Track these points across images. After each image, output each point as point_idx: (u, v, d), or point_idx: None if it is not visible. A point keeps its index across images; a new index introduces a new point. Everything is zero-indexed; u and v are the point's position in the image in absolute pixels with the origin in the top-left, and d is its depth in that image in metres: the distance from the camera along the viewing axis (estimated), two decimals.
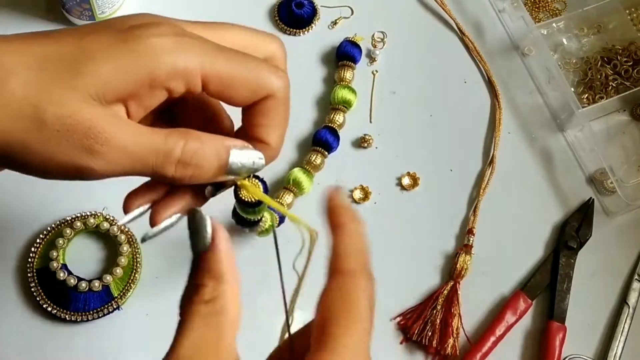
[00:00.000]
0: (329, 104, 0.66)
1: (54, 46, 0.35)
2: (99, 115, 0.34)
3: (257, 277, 0.53)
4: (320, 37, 0.69)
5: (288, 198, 0.62)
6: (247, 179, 0.39)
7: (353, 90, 0.66)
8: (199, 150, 0.36)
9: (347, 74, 0.66)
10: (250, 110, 0.39)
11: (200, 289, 0.35)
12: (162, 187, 0.39)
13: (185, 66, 0.35)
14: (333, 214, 0.37)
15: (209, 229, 0.35)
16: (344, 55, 0.67)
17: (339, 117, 0.64)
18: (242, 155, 0.37)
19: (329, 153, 0.64)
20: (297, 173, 0.62)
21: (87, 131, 0.34)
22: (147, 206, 0.40)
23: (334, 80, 0.67)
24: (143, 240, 0.40)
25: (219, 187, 0.39)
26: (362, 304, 0.36)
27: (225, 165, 0.37)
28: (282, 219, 0.60)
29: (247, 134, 0.39)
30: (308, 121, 0.66)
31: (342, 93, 0.65)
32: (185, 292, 0.36)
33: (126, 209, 0.39)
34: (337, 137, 0.64)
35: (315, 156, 0.63)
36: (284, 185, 0.62)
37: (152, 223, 0.39)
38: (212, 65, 0.36)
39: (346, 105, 0.65)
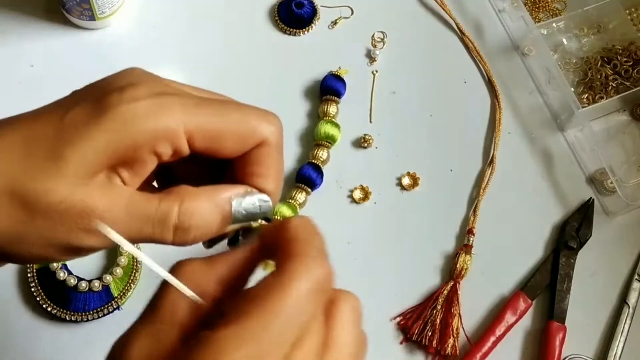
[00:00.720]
0: (312, 139, 0.65)
1: (37, 128, 0.34)
2: (90, 193, 0.33)
3: None
4: (320, 37, 0.69)
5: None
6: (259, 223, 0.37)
7: (337, 125, 0.64)
8: (196, 211, 0.34)
9: (331, 109, 0.65)
10: (242, 159, 0.37)
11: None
12: None
13: (165, 128, 0.33)
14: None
15: None
16: (327, 89, 0.65)
17: (322, 153, 0.63)
18: (246, 202, 0.36)
19: (312, 190, 0.62)
20: (283, 209, 0.61)
21: (80, 212, 0.33)
22: None
23: (317, 115, 0.66)
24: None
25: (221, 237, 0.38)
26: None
27: (228, 217, 0.35)
28: None
29: (242, 183, 0.37)
30: (291, 157, 0.64)
31: (325, 128, 0.63)
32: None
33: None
34: (320, 174, 0.63)
35: (298, 193, 0.62)
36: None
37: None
38: (194, 123, 0.34)
39: (330, 140, 0.64)
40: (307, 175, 0.62)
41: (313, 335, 0.32)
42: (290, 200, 0.61)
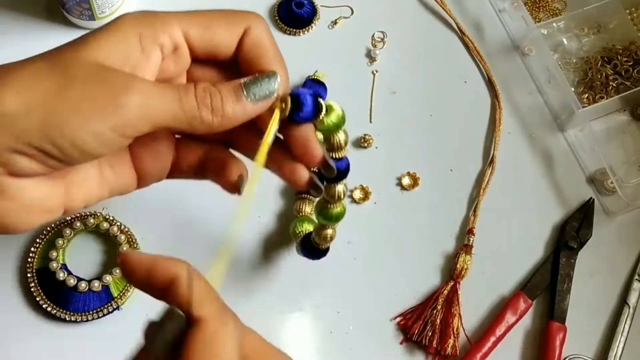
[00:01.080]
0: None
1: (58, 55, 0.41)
2: (123, 77, 0.39)
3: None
4: (320, 37, 0.69)
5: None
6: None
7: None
8: (209, 86, 0.41)
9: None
10: (241, 54, 0.43)
11: None
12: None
13: (163, 26, 0.41)
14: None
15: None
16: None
17: (341, 137, 0.62)
18: (254, 79, 0.42)
19: (316, 199, 0.59)
20: (304, 224, 0.58)
21: (117, 73, 0.38)
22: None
23: None
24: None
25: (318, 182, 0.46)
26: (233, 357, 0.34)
27: (240, 92, 0.41)
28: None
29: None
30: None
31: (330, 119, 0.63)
32: None
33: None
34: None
35: (303, 205, 0.60)
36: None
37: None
38: (187, 20, 0.41)
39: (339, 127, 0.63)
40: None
41: None
42: (300, 215, 0.59)
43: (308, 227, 0.58)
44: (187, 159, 0.46)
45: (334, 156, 0.47)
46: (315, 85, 0.65)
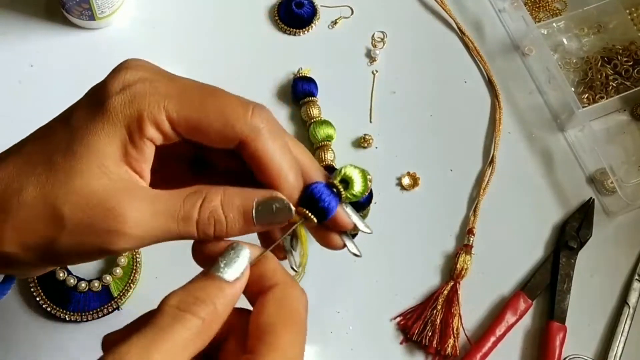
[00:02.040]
0: (307, 143, 0.64)
1: (51, 137, 0.36)
2: (113, 191, 0.35)
3: None
4: (320, 37, 0.69)
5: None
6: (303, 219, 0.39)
7: (329, 123, 0.64)
8: (217, 209, 0.36)
9: (314, 110, 0.64)
10: (247, 154, 0.38)
11: (205, 307, 0.36)
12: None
13: (143, 113, 0.36)
14: None
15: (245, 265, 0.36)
16: (302, 93, 0.65)
17: (328, 154, 0.63)
18: (263, 205, 0.37)
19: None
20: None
21: (106, 213, 0.35)
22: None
23: (301, 120, 0.65)
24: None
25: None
26: (302, 313, 0.36)
27: (250, 218, 0.37)
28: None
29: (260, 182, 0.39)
30: None
31: (322, 130, 0.63)
32: (182, 297, 0.38)
33: None
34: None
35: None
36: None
37: None
38: (174, 109, 0.36)
39: (329, 139, 0.63)
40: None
41: None
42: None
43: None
44: None
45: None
46: (305, 83, 0.65)
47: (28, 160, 0.36)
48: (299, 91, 0.65)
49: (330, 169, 0.51)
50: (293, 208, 0.38)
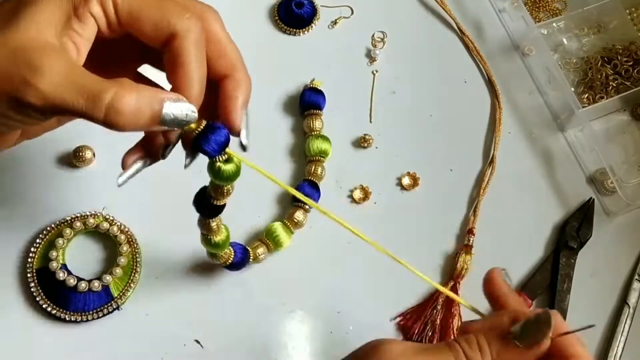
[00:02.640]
0: (303, 155, 0.64)
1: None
2: (40, 48, 0.37)
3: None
4: (320, 37, 0.69)
5: (260, 251, 0.59)
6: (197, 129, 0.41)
7: (327, 139, 0.63)
8: (129, 99, 0.37)
9: (317, 123, 0.64)
10: (168, 54, 0.40)
11: (475, 350, 0.42)
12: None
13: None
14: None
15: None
16: (308, 104, 0.64)
17: (317, 169, 0.62)
18: (175, 107, 0.39)
19: (311, 207, 0.61)
20: (277, 227, 0.59)
21: (27, 65, 0.36)
22: (140, 163, 0.43)
23: (303, 131, 0.65)
24: (119, 185, 0.42)
25: (167, 146, 0.42)
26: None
27: (158, 116, 0.38)
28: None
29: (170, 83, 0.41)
30: (285, 174, 0.64)
31: (317, 144, 0.62)
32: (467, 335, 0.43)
33: (123, 166, 0.42)
34: (317, 190, 0.62)
35: (298, 212, 0.60)
36: (259, 237, 0.60)
37: (122, 167, 0.43)
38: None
39: (323, 155, 0.63)
40: (304, 193, 0.60)
41: None
42: (286, 221, 0.60)
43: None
44: None
45: (216, 203, 0.46)
46: (314, 94, 0.65)
47: None
48: (305, 102, 0.64)
49: None
50: (195, 116, 0.40)
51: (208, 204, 0.46)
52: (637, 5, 0.72)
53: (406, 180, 0.64)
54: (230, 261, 0.55)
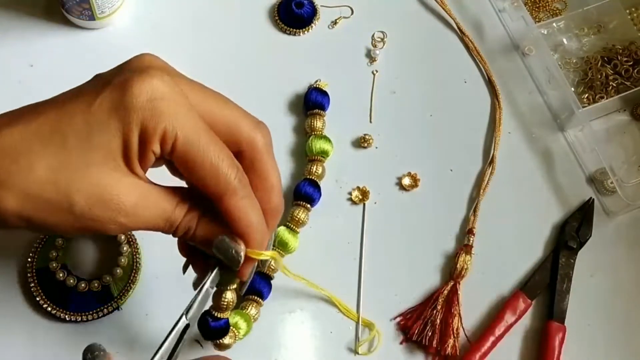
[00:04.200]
0: (304, 154, 0.64)
1: (65, 118, 0.39)
2: (119, 185, 0.39)
3: None
4: (320, 37, 0.69)
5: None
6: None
7: (328, 140, 0.63)
8: (192, 226, 0.43)
9: (319, 123, 0.63)
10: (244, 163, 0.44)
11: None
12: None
13: (160, 132, 0.40)
14: None
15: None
16: (313, 104, 0.64)
17: (318, 168, 0.62)
18: (226, 243, 0.43)
19: (312, 206, 0.61)
20: (283, 233, 0.59)
21: (111, 205, 0.39)
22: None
23: (304, 130, 0.65)
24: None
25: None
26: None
27: (210, 244, 0.43)
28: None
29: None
30: (285, 173, 0.63)
31: (318, 144, 0.62)
32: None
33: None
34: (318, 189, 0.62)
35: (298, 211, 0.60)
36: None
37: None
38: (182, 136, 0.40)
39: (324, 155, 0.63)
40: (305, 192, 0.61)
41: None
42: (289, 224, 0.60)
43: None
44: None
45: (218, 315, 0.51)
46: (319, 95, 0.64)
47: (38, 134, 0.38)
48: (311, 102, 0.64)
49: None
50: (241, 260, 0.44)
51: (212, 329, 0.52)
52: (637, 5, 0.72)
53: (406, 180, 0.64)
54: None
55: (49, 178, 0.37)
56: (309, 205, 0.61)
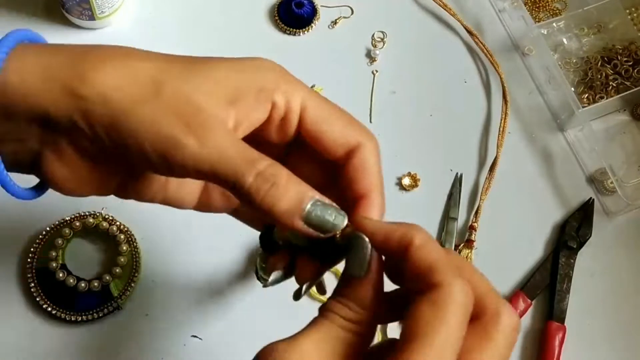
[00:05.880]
0: None
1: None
2: (213, 108, 0.36)
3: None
4: (320, 37, 0.69)
5: None
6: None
7: None
8: (281, 179, 0.35)
9: None
10: (345, 168, 0.39)
11: (343, 307, 0.35)
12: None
13: (288, 89, 0.38)
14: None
15: (367, 257, 0.35)
16: None
17: None
18: (323, 209, 0.36)
19: None
20: None
21: (195, 112, 0.35)
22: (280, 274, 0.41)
23: None
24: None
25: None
26: (453, 314, 0.33)
27: (301, 208, 0.35)
28: None
29: (346, 193, 0.39)
30: None
31: None
32: (329, 300, 0.36)
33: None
34: None
35: None
36: None
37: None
38: (310, 99, 0.38)
39: None
40: None
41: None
42: None
43: None
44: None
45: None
46: None
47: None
48: None
49: None
50: (344, 224, 0.36)
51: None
52: (637, 5, 0.72)
53: (406, 180, 0.64)
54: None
55: (149, 69, 0.37)
56: None
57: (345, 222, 0.36)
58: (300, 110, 0.38)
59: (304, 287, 0.39)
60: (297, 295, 0.39)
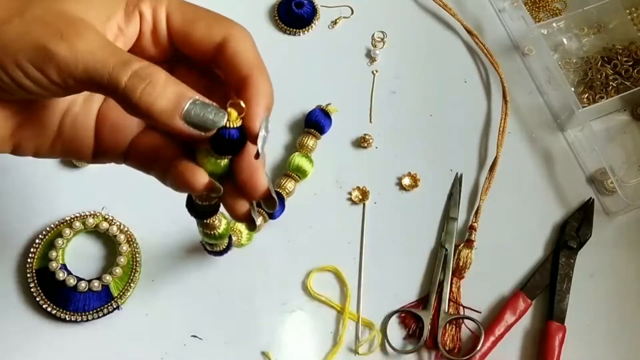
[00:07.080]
0: (282, 168, 0.64)
1: None
2: (84, 18, 0.36)
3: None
4: (320, 37, 0.69)
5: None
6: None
7: (310, 160, 0.63)
8: (158, 78, 0.35)
9: (310, 142, 0.63)
10: (221, 62, 0.40)
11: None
12: None
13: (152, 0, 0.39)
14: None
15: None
16: (313, 123, 0.64)
17: (288, 184, 0.62)
18: (202, 108, 0.36)
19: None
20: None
21: (68, 22, 0.35)
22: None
23: (294, 146, 0.64)
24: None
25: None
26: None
27: (181, 106, 0.36)
28: (281, 208, 0.61)
29: (230, 89, 0.40)
30: (280, 144, 0.65)
31: (298, 161, 0.62)
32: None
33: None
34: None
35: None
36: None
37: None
38: (174, 5, 0.39)
39: (300, 174, 0.62)
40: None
41: None
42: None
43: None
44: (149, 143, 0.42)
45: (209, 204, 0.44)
46: (322, 117, 0.64)
47: None
48: (310, 120, 0.64)
49: None
50: (224, 121, 0.36)
51: (201, 209, 0.45)
52: (637, 5, 0.72)
53: (406, 181, 0.64)
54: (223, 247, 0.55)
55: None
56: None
57: (225, 119, 0.36)
58: (166, 18, 0.39)
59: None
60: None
